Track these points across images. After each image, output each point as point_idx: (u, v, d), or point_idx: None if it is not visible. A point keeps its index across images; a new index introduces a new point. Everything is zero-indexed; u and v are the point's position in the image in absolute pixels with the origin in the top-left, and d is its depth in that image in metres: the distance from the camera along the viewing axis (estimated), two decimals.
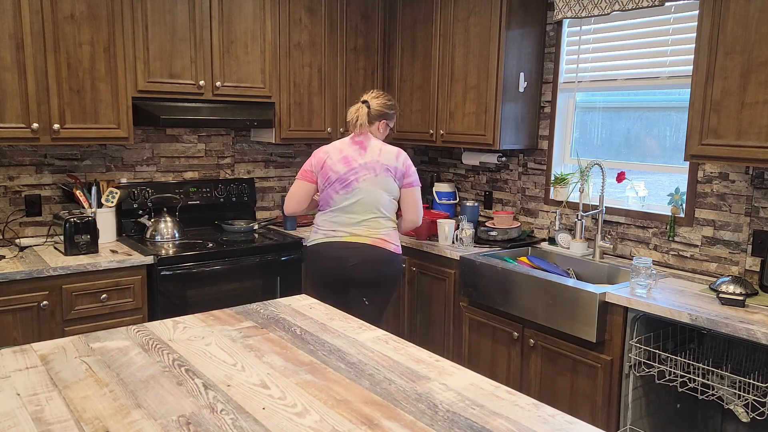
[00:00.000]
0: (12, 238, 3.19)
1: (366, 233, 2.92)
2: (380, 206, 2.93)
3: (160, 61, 3.19)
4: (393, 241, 2.97)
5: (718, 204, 2.84)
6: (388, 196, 2.94)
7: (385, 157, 2.92)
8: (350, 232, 2.92)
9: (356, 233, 2.92)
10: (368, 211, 2.91)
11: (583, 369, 2.69)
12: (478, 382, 1.56)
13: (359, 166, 2.90)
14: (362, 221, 2.92)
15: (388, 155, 2.93)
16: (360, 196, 2.90)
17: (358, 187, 2.90)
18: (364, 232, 2.92)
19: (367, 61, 3.99)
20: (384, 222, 2.95)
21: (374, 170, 2.90)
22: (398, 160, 2.93)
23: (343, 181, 2.91)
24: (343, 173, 2.91)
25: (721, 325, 2.23)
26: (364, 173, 2.90)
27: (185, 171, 3.73)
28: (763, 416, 2.34)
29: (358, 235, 2.92)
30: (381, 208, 2.93)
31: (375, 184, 2.90)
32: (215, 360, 1.66)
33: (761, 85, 2.33)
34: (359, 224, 2.92)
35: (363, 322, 2.01)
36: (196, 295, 3.15)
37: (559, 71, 3.48)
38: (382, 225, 2.94)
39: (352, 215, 2.92)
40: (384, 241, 2.94)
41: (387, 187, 2.92)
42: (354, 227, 2.92)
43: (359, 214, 2.91)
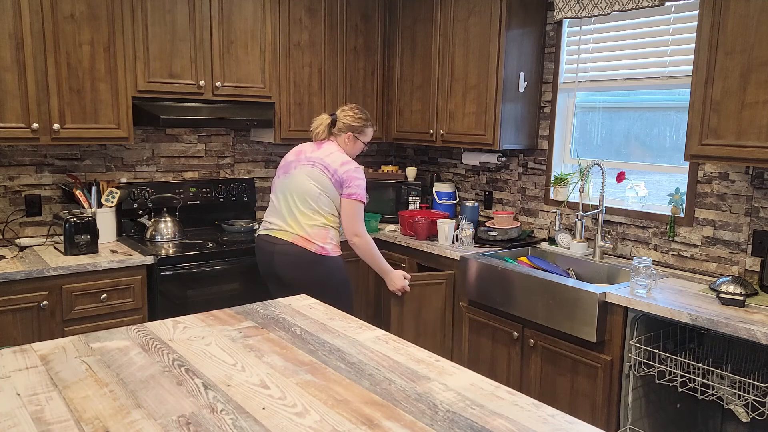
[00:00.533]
0: (12, 238, 3.19)
1: (290, 228, 2.91)
2: (308, 197, 2.89)
3: (160, 61, 3.19)
4: (317, 240, 2.87)
5: (718, 204, 2.84)
6: (318, 189, 2.89)
7: (330, 159, 2.92)
8: (278, 225, 2.95)
9: (282, 227, 2.93)
10: (298, 200, 2.91)
11: (583, 369, 2.69)
12: (478, 382, 1.56)
13: (304, 158, 2.97)
14: (291, 212, 2.92)
15: (335, 158, 2.92)
16: (292, 184, 2.93)
17: (293, 173, 2.95)
18: (288, 227, 2.92)
19: (367, 61, 3.99)
20: (312, 216, 2.89)
21: (312, 163, 2.93)
22: (342, 166, 2.90)
23: (284, 168, 3.01)
24: (288, 161, 3.02)
25: (721, 325, 2.23)
26: (303, 164, 2.95)
27: (185, 171, 3.73)
28: (763, 416, 2.34)
29: (284, 230, 2.92)
30: (309, 199, 2.89)
31: (307, 173, 2.91)
32: (215, 360, 1.66)
33: (761, 85, 2.33)
34: (289, 215, 2.93)
35: (363, 322, 2.01)
36: (196, 295, 3.15)
37: (559, 71, 3.48)
38: (309, 219, 2.89)
39: (282, 204, 2.95)
40: (305, 240, 2.87)
41: (318, 180, 2.89)
42: (283, 218, 2.94)
43: (289, 202, 2.93)
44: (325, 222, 2.92)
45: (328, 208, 2.93)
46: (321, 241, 2.89)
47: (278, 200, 2.99)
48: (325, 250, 2.89)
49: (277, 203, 2.99)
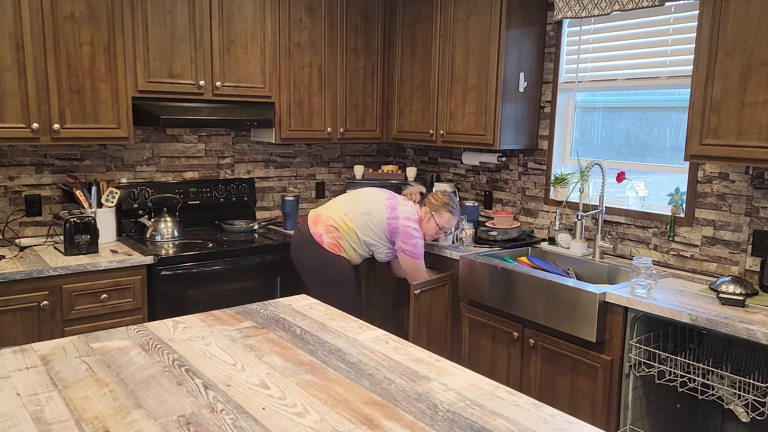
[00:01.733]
0: (12, 238, 3.19)
1: (313, 211, 3.18)
2: (352, 197, 3.15)
3: (160, 61, 3.19)
4: (319, 229, 3.11)
5: (718, 204, 2.84)
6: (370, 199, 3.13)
7: (402, 207, 3.13)
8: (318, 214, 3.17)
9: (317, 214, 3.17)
10: (338, 199, 3.19)
11: (583, 369, 2.69)
12: (478, 382, 1.56)
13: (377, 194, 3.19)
14: (326, 205, 3.19)
15: (406, 210, 3.12)
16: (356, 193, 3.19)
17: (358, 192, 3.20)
18: (314, 210, 3.20)
19: (367, 61, 3.99)
20: (333, 211, 3.15)
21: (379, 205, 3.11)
22: (405, 220, 3.08)
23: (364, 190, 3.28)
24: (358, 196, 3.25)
25: (721, 325, 2.23)
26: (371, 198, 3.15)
27: (185, 171, 3.73)
28: (763, 416, 2.34)
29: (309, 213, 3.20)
30: (350, 200, 3.15)
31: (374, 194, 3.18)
32: (215, 360, 1.66)
33: (761, 85, 2.33)
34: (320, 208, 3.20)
35: (363, 322, 2.01)
36: (196, 295, 3.15)
37: (559, 71, 3.48)
38: (328, 211, 3.14)
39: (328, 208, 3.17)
40: (315, 219, 3.13)
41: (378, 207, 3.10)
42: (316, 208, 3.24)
43: (332, 200, 3.20)
44: (341, 226, 3.10)
45: (356, 221, 3.10)
46: (324, 230, 3.11)
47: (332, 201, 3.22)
48: (321, 238, 3.11)
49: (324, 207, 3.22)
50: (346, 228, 3.08)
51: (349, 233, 3.08)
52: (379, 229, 3.09)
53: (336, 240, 3.08)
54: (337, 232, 3.08)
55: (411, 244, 3.07)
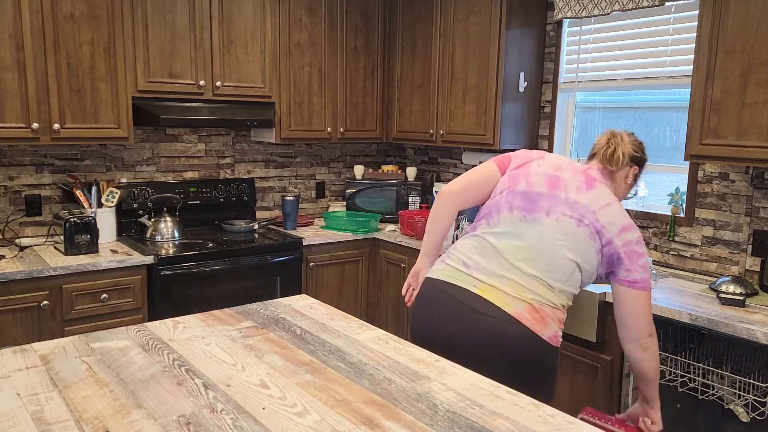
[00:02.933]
0: (12, 238, 3.19)
1: (509, 292, 1.85)
2: (552, 264, 1.86)
3: (160, 61, 3.19)
4: (552, 324, 1.86)
5: (718, 204, 2.84)
6: (570, 256, 1.86)
7: (603, 214, 1.88)
8: (487, 282, 1.88)
9: (499, 289, 1.86)
10: (531, 262, 1.87)
11: (583, 369, 2.69)
12: (478, 382, 1.56)
13: (565, 199, 1.91)
14: (512, 273, 1.87)
15: (610, 215, 1.88)
16: (533, 236, 1.89)
17: (543, 221, 1.90)
18: (506, 290, 1.86)
19: (367, 60, 3.99)
20: (544, 291, 1.86)
21: (579, 216, 1.88)
22: (622, 234, 1.87)
23: (529, 199, 1.94)
24: (537, 190, 1.95)
25: (721, 325, 2.23)
26: (564, 209, 1.90)
27: (185, 171, 3.73)
28: (763, 416, 2.34)
29: (502, 293, 1.85)
30: (551, 268, 1.86)
31: (562, 230, 1.88)
32: (215, 360, 1.66)
33: (761, 85, 2.33)
34: (504, 277, 1.87)
35: (363, 322, 2.01)
36: (196, 295, 3.15)
37: (559, 71, 3.48)
38: (538, 293, 1.85)
39: (503, 256, 1.90)
40: (537, 314, 1.83)
41: (576, 243, 1.87)
42: (496, 278, 1.88)
43: (514, 260, 1.88)
44: (558, 301, 1.88)
45: (570, 282, 1.89)
46: (557, 323, 1.88)
47: (496, 246, 1.93)
48: (557, 339, 1.88)
49: (494, 251, 1.93)
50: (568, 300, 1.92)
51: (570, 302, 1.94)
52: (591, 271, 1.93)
53: (560, 322, 1.90)
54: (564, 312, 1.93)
55: (641, 266, 1.88)
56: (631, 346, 1.92)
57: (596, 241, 1.88)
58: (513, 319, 1.82)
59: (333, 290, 3.69)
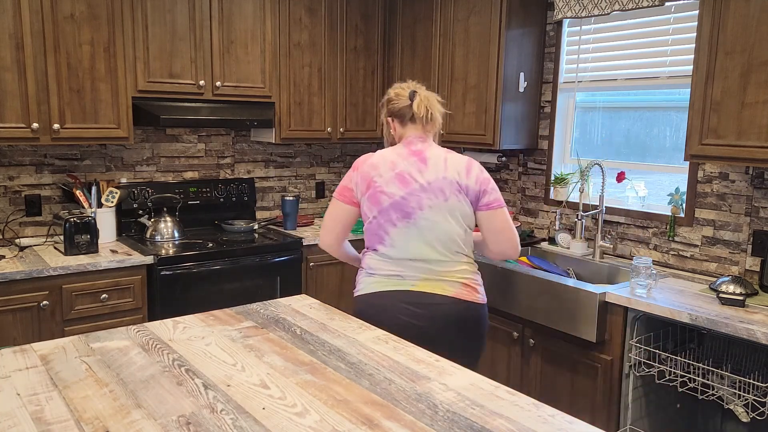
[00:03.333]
0: (12, 238, 3.19)
1: (445, 279, 2.17)
2: (458, 241, 2.17)
3: (160, 61, 3.19)
4: (477, 287, 2.22)
5: (718, 204, 2.84)
6: (464, 226, 2.18)
7: (452, 171, 2.15)
8: (423, 277, 2.16)
9: (431, 279, 2.16)
10: (442, 248, 2.15)
11: (583, 369, 2.69)
12: (478, 382, 1.56)
13: (421, 188, 2.14)
14: (436, 263, 2.16)
15: (456, 166, 2.16)
16: (428, 230, 2.14)
17: (424, 216, 2.14)
18: (442, 278, 2.17)
19: (367, 60, 3.99)
20: (465, 263, 2.20)
21: (443, 192, 2.14)
22: (470, 175, 2.16)
23: (400, 209, 2.15)
24: (399, 197, 2.14)
25: (721, 325, 2.23)
26: (430, 198, 2.14)
27: (185, 171, 3.73)
28: (763, 416, 2.34)
29: (435, 282, 2.16)
30: (459, 244, 2.17)
31: (446, 212, 2.14)
32: (215, 360, 1.66)
33: (761, 85, 2.33)
34: (432, 269, 2.16)
35: (363, 322, 2.01)
36: (196, 295, 3.15)
37: (559, 71, 3.48)
38: (462, 268, 2.19)
39: (419, 257, 2.16)
40: (469, 288, 2.19)
41: (462, 215, 2.16)
42: (426, 273, 2.16)
43: (429, 254, 2.15)
44: (474, 264, 2.26)
45: (471, 244, 2.25)
46: (479, 286, 2.24)
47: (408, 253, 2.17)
48: (484, 296, 2.25)
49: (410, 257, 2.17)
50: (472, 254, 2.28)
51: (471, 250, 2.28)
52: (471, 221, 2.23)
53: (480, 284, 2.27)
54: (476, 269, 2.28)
55: (493, 188, 2.20)
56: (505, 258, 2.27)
57: (461, 195, 2.16)
58: (457, 299, 2.16)
59: (333, 290, 3.68)
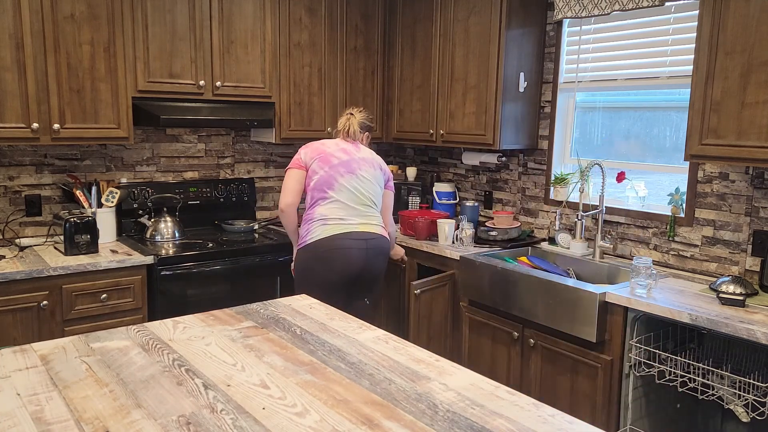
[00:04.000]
0: (12, 238, 3.19)
1: (371, 222, 3.00)
2: (376, 199, 3.05)
3: (160, 61, 3.19)
4: (385, 230, 3.11)
5: (718, 204, 2.84)
6: (379, 189, 3.08)
7: (376, 159, 3.12)
8: (359, 220, 2.96)
9: (368, 222, 2.98)
10: (370, 201, 3.01)
11: (583, 369, 2.69)
12: (478, 382, 1.56)
13: (359, 159, 3.03)
14: (367, 211, 3.00)
15: (378, 158, 3.14)
16: (364, 185, 2.99)
17: (362, 175, 3.00)
18: (369, 221, 2.99)
19: (367, 61, 3.99)
20: (377, 211, 3.08)
21: (372, 165, 3.05)
22: (383, 164, 3.15)
23: (347, 166, 2.98)
24: (345, 160, 2.99)
25: (721, 325, 2.23)
26: (365, 165, 3.02)
27: (185, 171, 3.73)
28: (763, 416, 2.34)
29: (367, 225, 2.98)
30: (377, 202, 3.06)
31: (373, 176, 3.05)
32: (215, 360, 1.66)
33: (761, 85, 2.33)
34: (366, 214, 2.98)
35: (363, 322, 2.01)
36: (196, 295, 3.15)
37: (559, 71, 3.48)
38: (377, 214, 3.06)
39: (359, 204, 2.97)
40: (381, 228, 3.05)
41: (379, 182, 3.09)
42: (363, 217, 2.97)
43: (364, 203, 2.99)
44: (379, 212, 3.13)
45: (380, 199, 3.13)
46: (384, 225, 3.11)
47: (352, 201, 2.97)
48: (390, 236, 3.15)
49: (349, 201, 2.97)
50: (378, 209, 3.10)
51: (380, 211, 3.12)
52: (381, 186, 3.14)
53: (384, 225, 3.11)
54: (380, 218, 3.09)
55: (391, 176, 3.22)
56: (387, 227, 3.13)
57: (379, 170, 3.09)
58: (381, 236, 3.01)
59: None
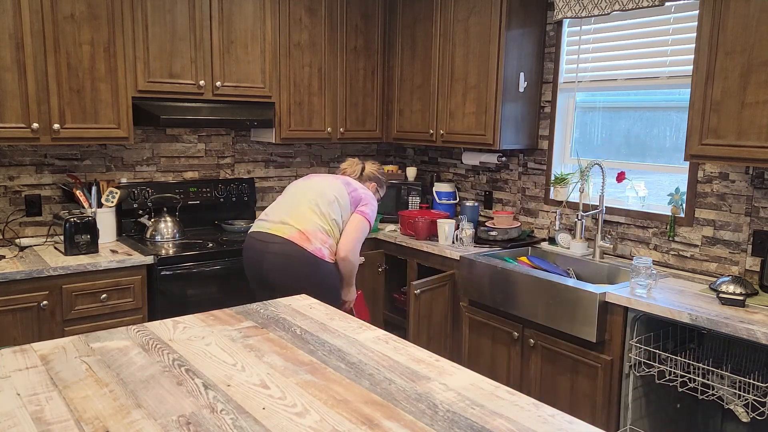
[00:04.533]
0: (12, 238, 3.19)
1: (291, 223, 2.79)
2: (321, 200, 2.84)
3: (160, 61, 3.19)
4: (315, 241, 2.77)
5: (718, 204, 2.84)
6: (334, 196, 2.85)
7: (354, 182, 3.00)
8: (275, 220, 2.84)
9: (281, 222, 2.82)
10: (310, 200, 2.84)
11: (583, 369, 2.69)
12: (478, 382, 1.56)
13: (330, 176, 3.01)
14: (298, 208, 2.83)
15: (353, 183, 2.98)
16: (309, 185, 2.91)
17: (313, 178, 2.96)
18: (288, 222, 2.80)
19: (367, 61, 3.99)
20: (319, 217, 2.81)
21: (344, 183, 2.94)
22: (362, 189, 2.97)
23: (309, 177, 3.00)
24: (311, 175, 3.05)
25: (721, 325, 2.23)
26: (331, 180, 2.95)
27: (185, 171, 3.73)
28: (763, 416, 2.34)
29: (281, 225, 2.80)
30: (321, 202, 2.83)
31: (329, 182, 2.92)
32: (215, 360, 1.66)
33: (761, 85, 2.33)
34: (293, 210, 2.83)
35: (363, 322, 2.01)
36: (196, 295, 3.15)
37: (559, 71, 3.48)
38: (315, 219, 2.80)
39: (290, 200, 2.88)
40: (304, 237, 2.75)
41: (337, 190, 2.88)
42: (285, 213, 2.84)
43: (298, 199, 2.86)
44: (329, 229, 2.83)
45: (335, 217, 2.85)
46: (320, 242, 2.78)
47: (285, 197, 2.91)
48: (321, 252, 2.77)
49: (283, 199, 2.91)
50: (332, 228, 2.85)
51: (334, 230, 2.85)
52: (347, 211, 2.89)
53: (330, 247, 2.83)
54: (329, 238, 2.83)
55: (370, 208, 2.94)
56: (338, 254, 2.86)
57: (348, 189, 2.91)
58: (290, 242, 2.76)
59: None
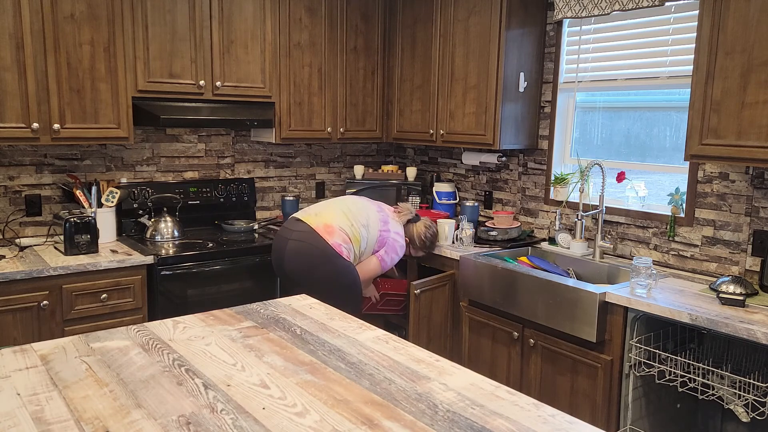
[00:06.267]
0: (12, 238, 3.19)
1: (318, 217, 2.99)
2: (355, 214, 3.04)
3: (160, 61, 3.19)
4: (337, 238, 2.96)
5: (718, 204, 2.84)
6: (368, 222, 3.05)
7: (394, 221, 3.18)
8: (311, 212, 3.04)
9: (309, 214, 3.03)
10: (343, 206, 3.05)
11: (583, 369, 2.69)
12: (478, 382, 1.56)
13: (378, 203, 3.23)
14: (328, 209, 3.04)
15: (396, 225, 3.18)
16: (350, 200, 3.11)
17: (359, 198, 3.16)
18: (317, 216, 3.00)
19: (367, 61, 3.99)
20: (344, 222, 3.00)
21: (379, 210, 3.16)
22: (395, 234, 3.14)
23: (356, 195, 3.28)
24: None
25: (721, 325, 2.23)
26: (365, 201, 3.15)
27: (185, 171, 3.73)
28: (763, 416, 2.34)
29: (309, 216, 3.01)
30: (354, 215, 3.04)
31: (369, 207, 3.11)
32: (215, 360, 1.66)
33: (761, 85, 2.33)
34: (324, 209, 3.04)
35: (363, 322, 2.01)
36: (196, 295, 3.15)
37: (559, 71, 3.48)
38: (339, 220, 2.99)
39: (327, 203, 3.09)
40: (328, 230, 2.96)
41: (372, 220, 3.07)
42: (318, 210, 3.05)
43: (333, 205, 3.07)
44: (352, 236, 3.02)
45: (361, 234, 3.05)
46: (341, 240, 2.97)
47: (329, 199, 3.12)
48: (340, 249, 2.96)
49: (326, 201, 3.10)
50: (354, 238, 3.03)
51: (355, 243, 3.04)
52: (372, 242, 3.10)
53: (349, 250, 3.01)
54: (350, 243, 3.01)
55: (390, 257, 3.14)
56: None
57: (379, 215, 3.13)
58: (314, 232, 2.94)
59: None
